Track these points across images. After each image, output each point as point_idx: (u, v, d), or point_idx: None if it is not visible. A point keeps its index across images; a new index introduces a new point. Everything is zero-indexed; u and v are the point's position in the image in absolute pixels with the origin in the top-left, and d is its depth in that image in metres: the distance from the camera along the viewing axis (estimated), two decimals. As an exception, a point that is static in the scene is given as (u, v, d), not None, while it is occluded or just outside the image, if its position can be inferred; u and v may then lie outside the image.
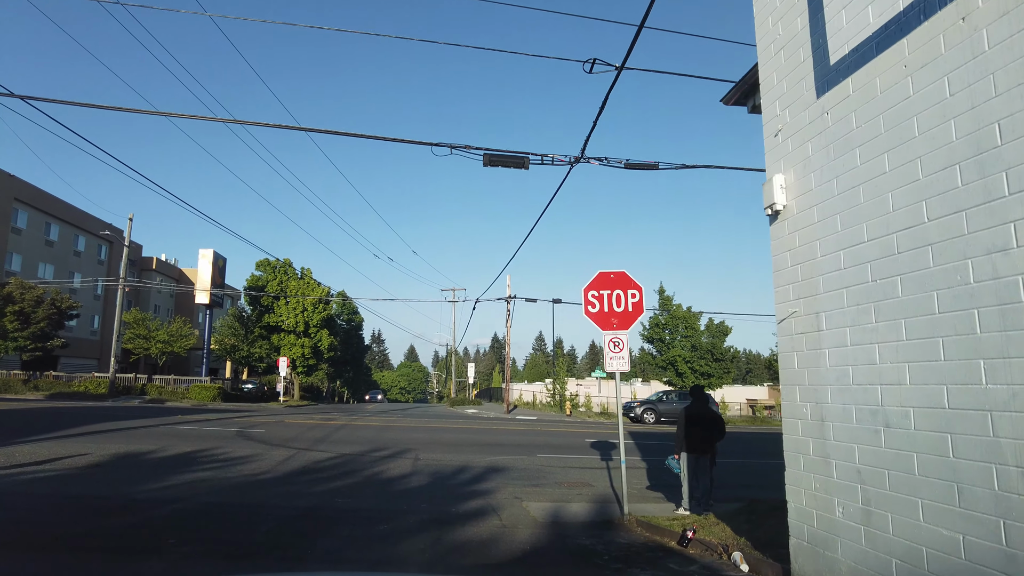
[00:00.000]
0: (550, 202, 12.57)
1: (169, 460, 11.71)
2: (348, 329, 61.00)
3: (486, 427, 22.96)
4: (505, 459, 13.86)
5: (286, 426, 19.47)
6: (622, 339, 7.69)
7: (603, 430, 23.99)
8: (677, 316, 37.44)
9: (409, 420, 25.26)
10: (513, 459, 13.92)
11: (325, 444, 15.18)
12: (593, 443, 18.26)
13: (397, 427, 20.83)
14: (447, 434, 19.13)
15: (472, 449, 15.50)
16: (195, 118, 11.39)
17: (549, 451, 15.85)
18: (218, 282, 40.92)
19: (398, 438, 17.19)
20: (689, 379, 37.36)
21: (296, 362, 44.59)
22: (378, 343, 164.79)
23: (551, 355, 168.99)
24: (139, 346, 39.03)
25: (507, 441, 17.76)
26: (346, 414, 28.39)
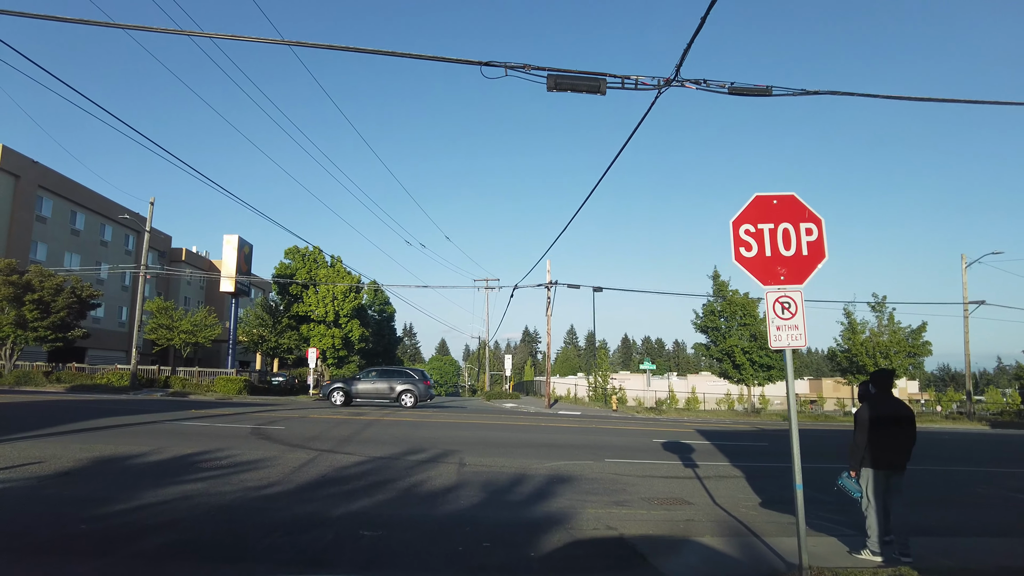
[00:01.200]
0: (632, 135, 10.24)
1: (158, 467, 9.40)
2: (380, 320, 59.00)
3: (531, 423, 20.44)
4: (567, 465, 11.30)
5: (310, 422, 17.18)
6: (794, 298, 5.02)
7: (663, 427, 21.27)
8: (734, 303, 34.35)
9: (446, 415, 22.86)
10: (577, 465, 11.35)
11: (352, 445, 12.79)
12: (664, 444, 15.58)
13: (433, 423, 18.41)
14: (491, 432, 16.62)
15: (524, 451, 12.96)
16: (196, 35, 9.06)
17: (615, 454, 13.23)
18: (244, 270, 39.10)
19: (436, 437, 14.74)
20: (747, 371, 34.34)
21: (326, 353, 42.64)
22: (410, 336, 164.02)
23: (582, 349, 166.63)
24: (162, 336, 37.39)
25: (561, 441, 15.18)
26: (377, 408, 26.11)
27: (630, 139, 11.53)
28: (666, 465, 12.12)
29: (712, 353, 35.80)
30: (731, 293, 34.89)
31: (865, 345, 35.46)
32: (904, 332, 35.86)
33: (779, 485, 10.69)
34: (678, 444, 15.57)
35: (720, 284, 35.68)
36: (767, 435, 20.22)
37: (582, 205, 17.63)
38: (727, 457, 13.79)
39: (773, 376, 34.60)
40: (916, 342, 35.44)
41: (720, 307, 34.85)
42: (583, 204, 19.02)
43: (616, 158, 12.96)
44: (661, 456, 13.42)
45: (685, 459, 13.06)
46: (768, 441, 17.74)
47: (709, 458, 13.44)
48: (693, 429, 20.74)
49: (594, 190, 15.78)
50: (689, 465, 12.27)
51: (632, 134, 11.38)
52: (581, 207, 17.63)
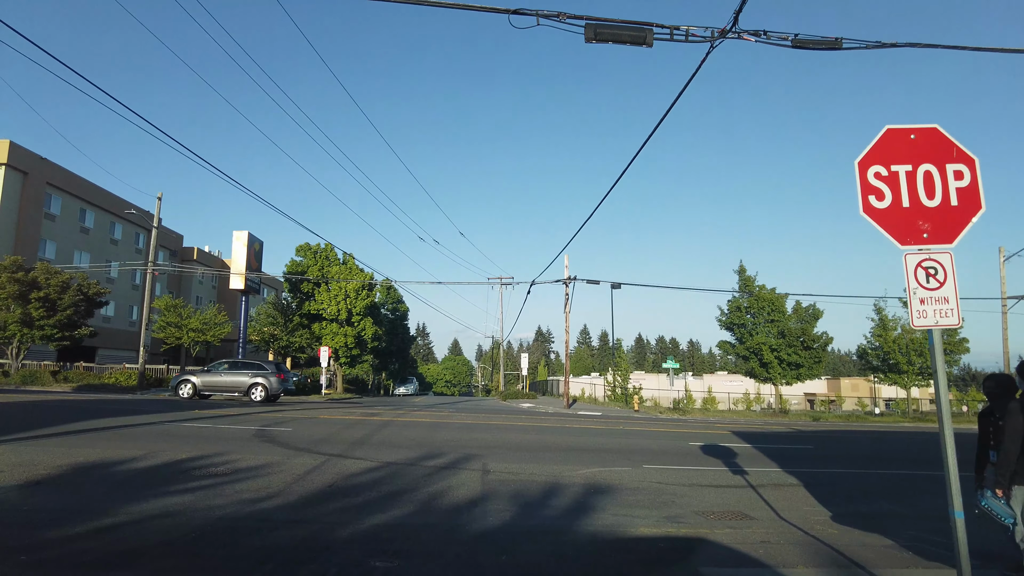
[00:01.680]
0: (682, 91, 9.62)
1: (144, 475, 8.32)
2: (393, 319, 58.01)
3: (553, 424, 19.24)
4: (603, 472, 10.10)
5: (319, 423, 16.09)
6: (941, 262, 3.80)
7: (694, 429, 20.00)
8: (762, 298, 32.91)
9: (463, 415, 21.71)
10: (614, 473, 10.15)
11: (364, 448, 11.66)
12: (703, 448, 14.34)
13: (451, 424, 17.26)
14: (512, 434, 15.44)
15: (552, 456, 11.77)
16: None
17: (652, 459, 12.02)
18: (254, 267, 38.22)
19: (455, 439, 13.59)
20: (775, 370, 32.91)
21: (339, 352, 41.68)
22: (423, 336, 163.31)
23: (595, 349, 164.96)
24: (171, 335, 36.58)
25: (590, 444, 13.98)
26: (391, 408, 25.05)
27: (675, 102, 10.30)
28: (711, 472, 10.88)
29: (738, 351, 34.37)
30: (758, 288, 33.46)
31: (898, 342, 33.92)
32: (939, 328, 34.23)
33: (844, 495, 9.46)
34: (717, 448, 14.32)
35: (746, 279, 34.24)
36: (807, 436, 18.91)
37: (609, 190, 16.43)
38: (775, 462, 12.52)
39: (802, 375, 33.14)
40: (952, 339, 33.86)
41: (747, 303, 33.42)
42: (611, 189, 17.89)
43: (650, 136, 11.75)
44: (702, 461, 12.18)
45: (730, 465, 11.82)
46: (813, 444, 16.42)
47: (755, 463, 12.19)
48: (727, 431, 19.46)
49: (625, 170, 14.57)
50: (737, 472, 11.03)
51: (678, 96, 10.15)
52: (608, 194, 16.52)
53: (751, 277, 34.24)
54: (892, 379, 34.66)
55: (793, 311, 33.39)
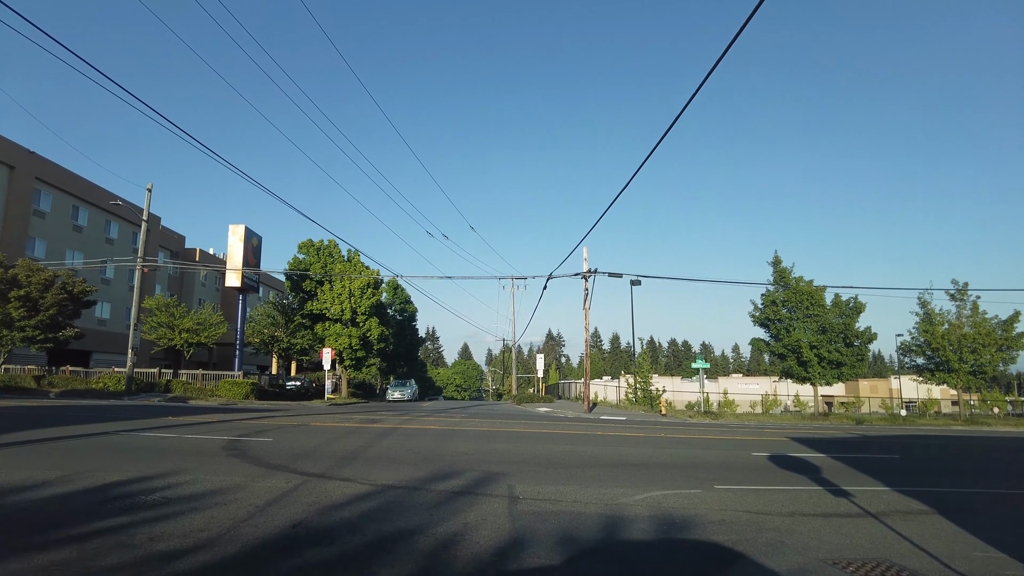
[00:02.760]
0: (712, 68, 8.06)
1: (41, 510, 5.95)
2: (401, 320, 55.68)
3: (581, 431, 16.72)
4: (668, 497, 7.63)
5: (309, 432, 13.68)
6: None
7: (746, 435, 17.39)
8: (800, 292, 30.23)
9: (477, 421, 19.22)
10: (682, 497, 7.67)
11: (355, 465, 9.23)
12: (771, 458, 11.80)
13: (465, 433, 14.79)
14: (538, 444, 12.94)
15: (594, 473, 9.28)
16: None
17: (719, 476, 9.51)
18: (252, 263, 35.98)
19: (470, 451, 11.12)
20: (814, 369, 30.21)
21: (343, 354, 39.36)
22: (432, 340, 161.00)
23: (606, 352, 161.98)
24: (163, 336, 34.36)
25: (635, 457, 11.45)
26: (397, 413, 22.63)
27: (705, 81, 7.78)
28: (805, 494, 8.36)
29: (773, 349, 31.68)
30: (795, 280, 30.78)
31: (948, 338, 31.13)
32: (992, 323, 31.45)
33: (1005, 526, 6.95)
34: (788, 459, 11.77)
35: (781, 271, 31.58)
36: (879, 443, 16.28)
37: (634, 174, 13.97)
38: (872, 477, 9.97)
39: (844, 374, 30.43)
40: (1008, 334, 31.04)
41: (784, 296, 30.74)
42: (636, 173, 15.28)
43: (678, 116, 9.26)
44: (783, 478, 9.64)
45: (821, 482, 9.28)
46: (896, 452, 13.81)
47: (849, 479, 9.64)
48: (784, 437, 16.86)
49: (654, 149, 12.06)
50: (836, 492, 8.50)
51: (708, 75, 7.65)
52: (631, 180, 14.06)
53: (786, 269, 31.60)
54: (941, 378, 31.86)
55: (832, 305, 30.69)
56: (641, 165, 16.31)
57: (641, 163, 13.50)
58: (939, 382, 32.43)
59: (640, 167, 13.19)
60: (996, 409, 42.23)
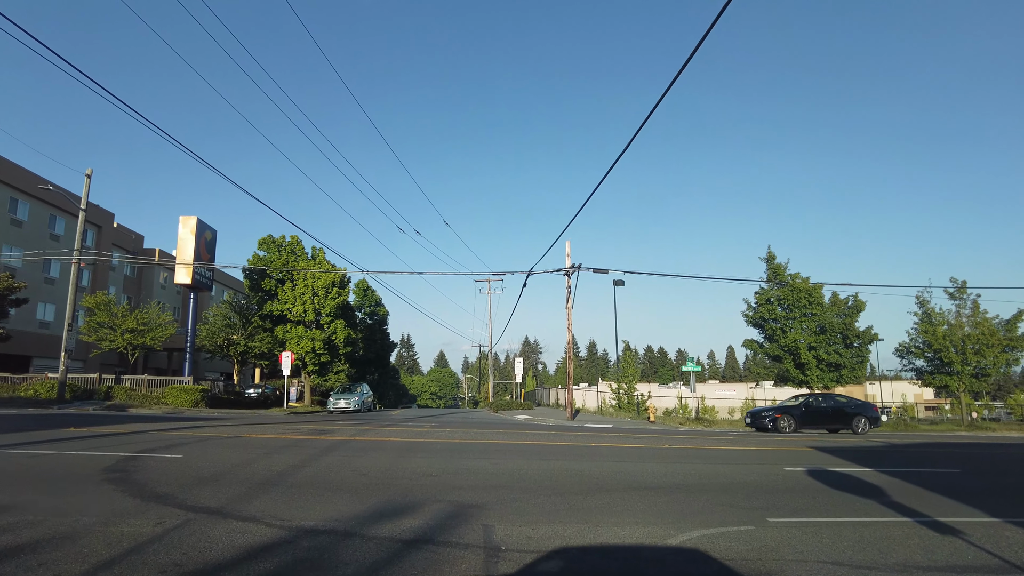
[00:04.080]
0: None
1: None
2: (372, 324, 52.71)
3: (571, 442, 14.29)
4: (715, 538, 5.25)
5: (236, 446, 11.05)
6: None
7: (760, 446, 15.09)
8: (797, 289, 28.23)
9: (448, 432, 16.65)
10: (734, 537, 5.29)
11: (273, 493, 6.68)
12: (810, 473, 9.50)
13: (431, 447, 12.23)
14: (519, 460, 10.46)
15: (600, 502, 6.85)
16: None
17: (764, 502, 7.16)
18: (205, 258, 33.01)
19: (435, 470, 8.62)
20: (812, 371, 28.20)
21: (305, 359, 36.43)
22: (407, 347, 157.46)
23: (583, 359, 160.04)
24: (104, 337, 31.18)
25: (647, 476, 9.04)
26: (357, 423, 20.00)
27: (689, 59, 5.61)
28: (893, 528, 6.03)
29: (768, 351, 29.63)
30: (791, 277, 28.80)
31: (950, 338, 29.38)
32: (994, 323, 29.80)
33: None
34: (832, 475, 9.47)
35: (775, 267, 29.58)
36: (912, 452, 14.12)
37: (618, 157, 11.91)
38: (953, 499, 7.70)
39: (843, 377, 28.47)
40: (1012, 334, 29.40)
41: (781, 294, 28.71)
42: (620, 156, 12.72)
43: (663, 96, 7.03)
44: (846, 503, 7.30)
45: (898, 508, 6.97)
46: (957, 466, 11.59)
47: (931, 504, 7.34)
48: (807, 447, 14.59)
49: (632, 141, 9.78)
50: (932, 525, 6.17)
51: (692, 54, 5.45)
52: (615, 163, 11.64)
53: (781, 265, 29.62)
54: (942, 381, 30.10)
55: (831, 303, 28.77)
56: (620, 155, 14.03)
57: (619, 153, 11.27)
58: (940, 385, 30.68)
59: (619, 156, 11.00)
60: (975, 414, 40.81)
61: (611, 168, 14.06)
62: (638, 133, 11.13)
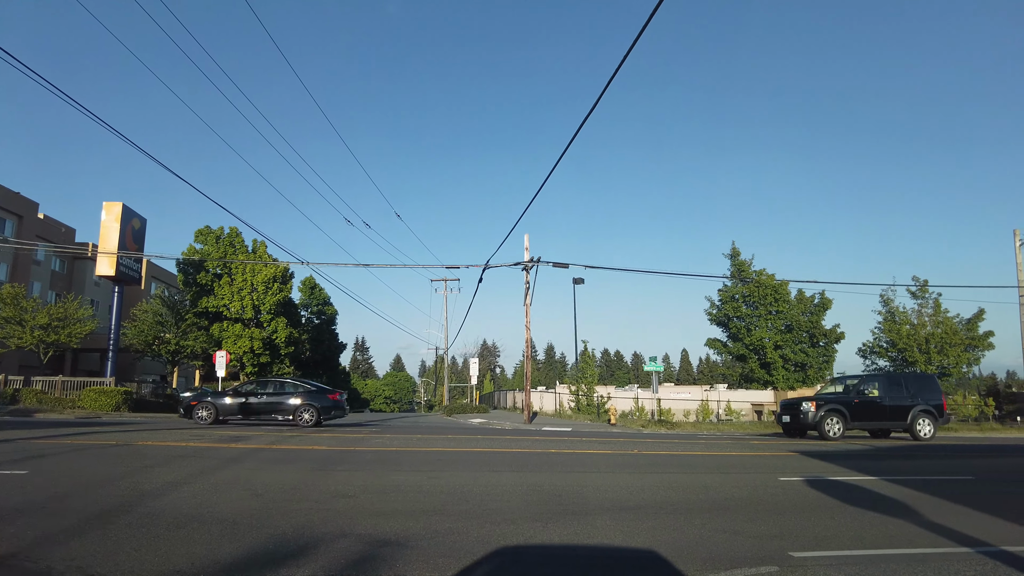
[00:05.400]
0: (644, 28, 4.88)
1: None
2: (319, 324, 49.99)
3: (527, 448, 12.54)
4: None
5: (112, 458, 8.97)
6: None
7: (729, 449, 13.61)
8: (763, 285, 27.18)
9: (387, 439, 14.65)
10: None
11: (111, 528, 4.74)
12: (811, 484, 7.97)
13: (359, 456, 10.31)
14: (465, 473, 8.66)
15: (569, 532, 5.12)
16: None
17: (775, 529, 5.54)
18: (132, 248, 30.20)
19: (353, 492, 6.76)
20: (778, 372, 27.20)
21: (243, 359, 33.89)
22: (362, 351, 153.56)
23: (541, 363, 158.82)
24: (9, 334, 28.10)
25: (617, 492, 7.35)
26: (283, 430, 17.88)
27: None
28: (952, 560, 4.48)
29: (733, 350, 28.51)
30: (756, 274, 27.77)
31: (914, 337, 28.81)
32: (956, 322, 29.40)
33: None
34: (839, 487, 7.96)
35: (740, 263, 28.51)
36: (903, 456, 12.83)
37: (573, 137, 10.45)
38: (997, 515, 6.23)
39: (809, 377, 27.56)
40: (973, 333, 29.02)
41: (747, 290, 27.62)
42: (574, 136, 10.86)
43: None
44: (875, 526, 5.74)
45: (944, 532, 5.43)
46: (964, 472, 10.23)
47: (975, 525, 5.82)
48: (791, 452, 13.16)
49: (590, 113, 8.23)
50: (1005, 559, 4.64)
51: None
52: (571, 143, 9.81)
53: (745, 261, 28.57)
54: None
55: (797, 301, 27.84)
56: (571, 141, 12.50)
57: (570, 140, 9.73)
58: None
59: (570, 142, 9.42)
60: None
61: (564, 152, 12.50)
62: (586, 120, 9.56)
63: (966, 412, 38.38)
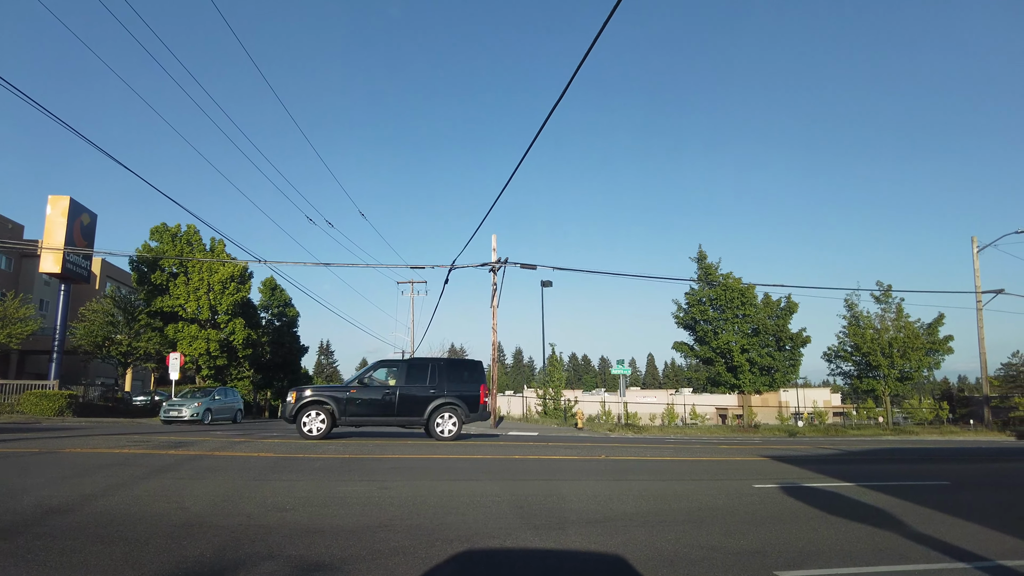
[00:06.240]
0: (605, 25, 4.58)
1: None
2: (280, 326, 48.55)
3: (489, 455, 11.95)
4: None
5: (26, 468, 8.18)
6: None
7: (696, 454, 13.22)
8: (731, 288, 27.08)
9: (341, 444, 13.91)
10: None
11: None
12: (788, 492, 7.55)
13: (306, 465, 9.60)
14: (417, 482, 8.04)
15: (539, 541, 4.56)
16: None
17: (755, 543, 5.06)
18: (81, 245, 28.77)
19: (292, 505, 6.10)
20: (745, 375, 27.13)
21: (199, 361, 32.60)
22: (327, 355, 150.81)
23: (508, 367, 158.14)
24: (-54, 334, 26.51)
25: (583, 504, 6.82)
26: (234, 435, 17.00)
27: None
28: None
29: (699, 353, 28.35)
30: (723, 277, 27.68)
31: (878, 342, 29.05)
32: (918, 326, 29.78)
33: None
34: (816, 494, 7.56)
35: (707, 267, 28.42)
36: (870, 459, 12.60)
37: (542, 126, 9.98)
38: (984, 524, 5.88)
39: (776, 381, 27.57)
40: (934, 337, 29.41)
41: (714, 294, 27.49)
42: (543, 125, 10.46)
43: None
44: (862, 539, 5.30)
45: (935, 544, 5.03)
46: (940, 477, 9.96)
47: (963, 535, 5.44)
48: (758, 456, 12.83)
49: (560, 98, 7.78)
50: (997, 572, 4.25)
51: None
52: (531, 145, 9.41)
53: (712, 265, 28.47)
54: (869, 385, 29.78)
55: (763, 304, 27.83)
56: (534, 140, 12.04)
57: (533, 139, 9.37)
58: (867, 388, 30.38)
59: (533, 141, 9.00)
60: (881, 419, 41.42)
61: (526, 152, 11.98)
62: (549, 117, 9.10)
63: (922, 415, 39.06)
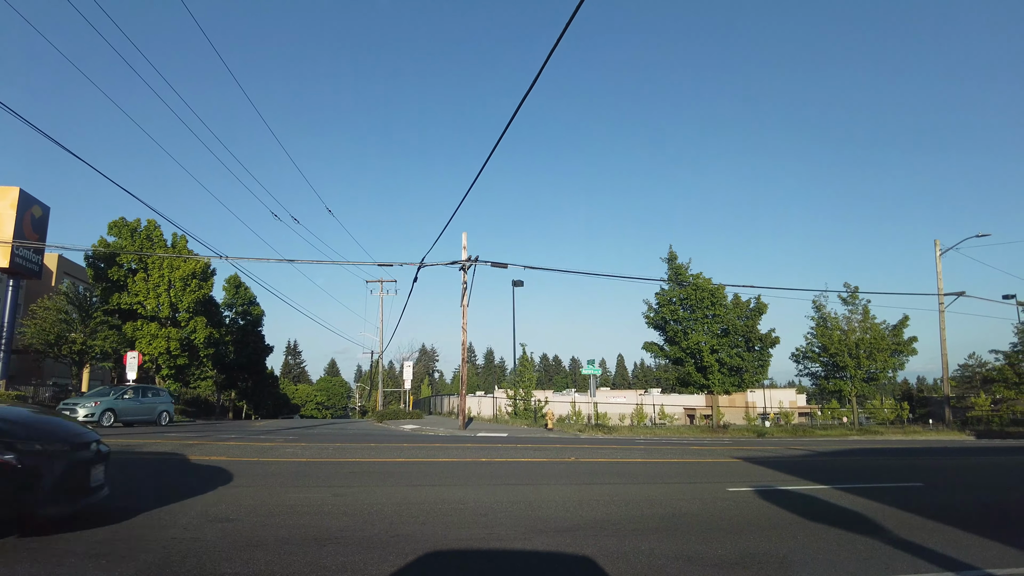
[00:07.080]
0: None
1: None
2: (244, 325, 47.29)
3: (456, 459, 11.54)
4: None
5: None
6: None
7: (667, 456, 12.97)
8: (701, 288, 27.05)
9: (301, 446, 13.36)
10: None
11: None
12: (763, 496, 7.29)
13: (268, 468, 9.07)
14: (378, 490, 7.59)
15: (486, 563, 4.17)
16: None
17: (734, 554, 4.73)
18: (32, 239, 27.57)
19: (254, 510, 5.61)
20: (715, 376, 27.11)
21: (159, 361, 31.51)
22: (294, 355, 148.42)
23: (480, 367, 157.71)
24: None
25: (553, 510, 6.46)
26: (192, 437, 16.30)
27: None
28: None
29: (669, 354, 28.28)
30: (693, 277, 27.64)
31: (845, 343, 29.33)
32: (883, 328, 30.16)
33: None
34: (793, 498, 7.32)
35: (677, 267, 28.36)
36: (842, 462, 12.50)
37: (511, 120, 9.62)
38: (962, 528, 5.66)
39: (745, 381, 27.62)
40: (899, 338, 29.79)
41: (684, 294, 27.43)
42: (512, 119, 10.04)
43: None
44: (845, 547, 5.03)
45: (919, 551, 4.78)
46: (912, 478, 9.81)
47: (944, 539, 5.22)
48: (731, 458, 12.61)
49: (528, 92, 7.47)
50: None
51: None
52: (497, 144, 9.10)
53: (683, 265, 28.45)
54: (837, 386, 30.06)
55: (733, 305, 27.89)
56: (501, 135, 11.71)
57: (500, 136, 9.10)
58: (834, 389, 30.68)
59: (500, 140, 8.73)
60: (845, 419, 42.03)
61: (493, 149, 11.63)
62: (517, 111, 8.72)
63: (884, 415, 39.70)
